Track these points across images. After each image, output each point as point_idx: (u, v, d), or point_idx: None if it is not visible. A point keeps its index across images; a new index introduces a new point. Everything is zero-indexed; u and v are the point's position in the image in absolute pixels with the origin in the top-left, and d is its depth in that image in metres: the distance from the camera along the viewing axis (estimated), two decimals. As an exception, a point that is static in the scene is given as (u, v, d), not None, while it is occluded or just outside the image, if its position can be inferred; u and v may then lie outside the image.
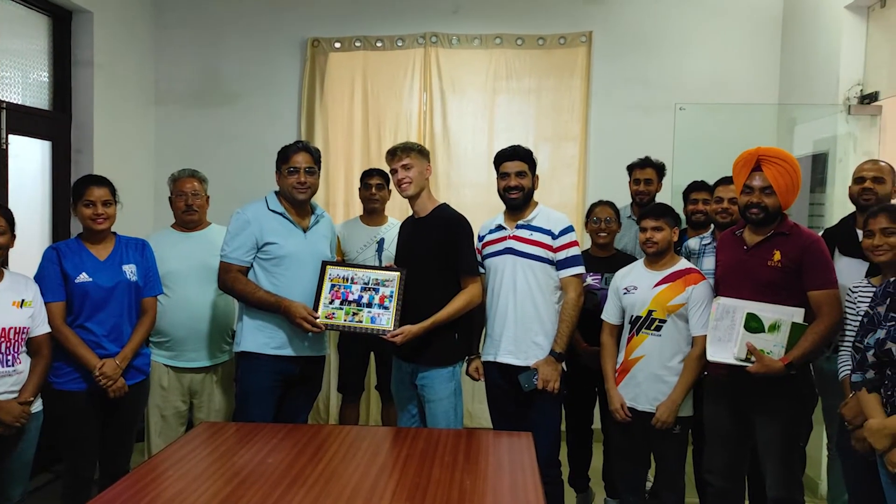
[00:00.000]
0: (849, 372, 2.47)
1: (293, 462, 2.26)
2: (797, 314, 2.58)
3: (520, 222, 2.99)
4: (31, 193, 4.03)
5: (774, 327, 2.58)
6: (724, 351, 2.65)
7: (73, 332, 2.75)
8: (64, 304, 2.75)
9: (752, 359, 2.59)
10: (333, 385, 4.54)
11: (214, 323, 3.24)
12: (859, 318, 2.45)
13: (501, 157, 3.04)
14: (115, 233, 2.94)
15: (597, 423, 3.54)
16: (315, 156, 3.04)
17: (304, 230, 3.01)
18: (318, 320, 2.83)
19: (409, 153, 2.90)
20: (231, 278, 2.91)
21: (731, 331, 2.64)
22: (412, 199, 2.96)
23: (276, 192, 3.06)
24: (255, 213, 2.96)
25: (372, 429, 2.97)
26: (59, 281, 2.74)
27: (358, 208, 4.28)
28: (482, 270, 3.06)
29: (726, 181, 3.16)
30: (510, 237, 2.99)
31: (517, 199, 2.97)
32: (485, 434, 2.64)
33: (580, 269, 2.97)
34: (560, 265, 2.95)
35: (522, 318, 2.93)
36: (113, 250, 2.88)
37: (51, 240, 4.11)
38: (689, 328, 2.85)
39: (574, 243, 2.97)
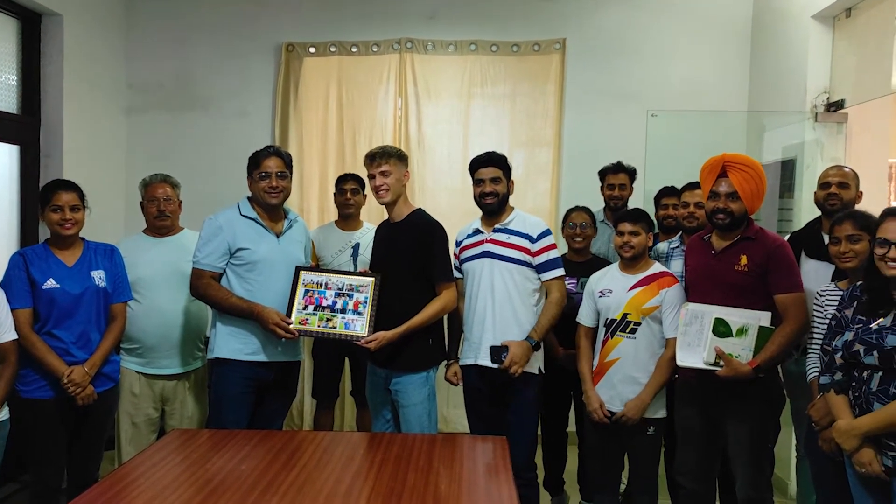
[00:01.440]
0: (817, 374, 2.51)
1: (267, 469, 2.24)
2: (764, 318, 2.63)
3: (497, 226, 3.01)
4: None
5: (742, 331, 2.62)
6: (694, 356, 2.68)
7: (41, 339, 2.71)
8: (31, 311, 2.71)
9: (721, 363, 2.62)
10: (308, 391, 4.52)
11: (186, 329, 3.21)
12: (827, 321, 2.50)
13: (476, 164, 3.05)
14: (83, 238, 2.90)
15: (572, 427, 3.56)
16: (286, 160, 3.02)
17: (278, 235, 3.00)
18: (291, 326, 2.81)
19: (388, 159, 2.89)
20: (203, 284, 2.89)
21: (699, 336, 2.67)
22: (389, 205, 2.96)
23: (249, 198, 3.04)
24: (227, 218, 2.94)
25: (346, 434, 2.95)
26: (25, 287, 2.69)
27: (332, 213, 4.27)
28: (459, 275, 3.07)
29: (692, 186, 3.23)
30: (487, 241, 3.01)
31: (492, 205, 2.99)
32: (459, 438, 2.65)
33: (561, 271, 3.00)
34: (541, 268, 2.98)
35: (501, 321, 2.95)
36: (81, 256, 2.84)
37: (19, 245, 4.04)
38: (663, 330, 2.88)
39: (553, 246, 3.00)
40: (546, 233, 3.00)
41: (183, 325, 3.19)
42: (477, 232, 3.06)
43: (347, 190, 3.87)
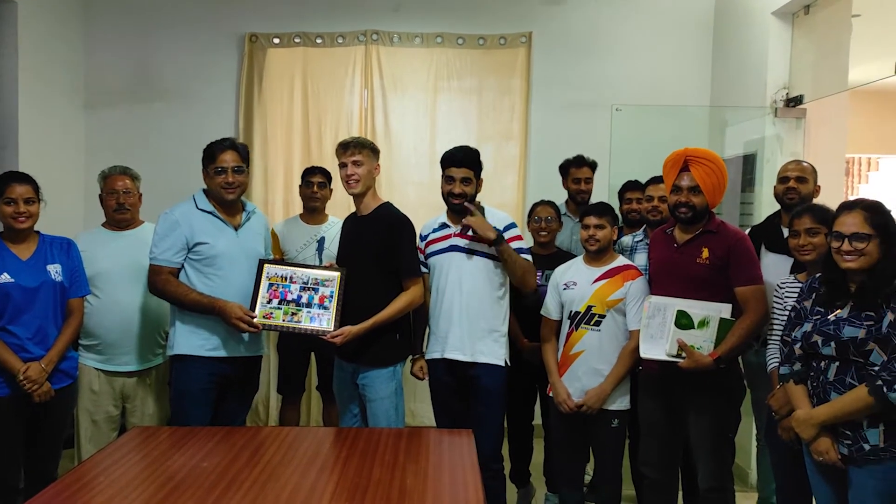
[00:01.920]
0: (777, 364, 2.56)
1: (229, 465, 2.21)
2: (725, 310, 2.67)
3: (464, 221, 3.01)
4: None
5: (703, 323, 2.66)
6: (657, 348, 2.72)
7: None
8: None
9: (684, 354, 2.66)
10: (273, 386, 4.47)
11: (147, 325, 3.15)
12: (786, 313, 2.55)
13: (449, 161, 3.03)
14: (38, 232, 2.83)
15: (538, 419, 3.59)
16: (243, 154, 2.96)
17: (236, 228, 2.94)
18: (255, 320, 2.78)
19: (361, 150, 2.87)
20: (162, 281, 2.82)
21: (662, 328, 2.71)
22: (357, 197, 2.94)
23: (204, 191, 2.97)
24: (183, 213, 2.88)
25: (311, 429, 2.93)
26: None
27: (297, 206, 4.23)
28: (425, 270, 3.06)
29: (656, 180, 3.26)
30: (455, 235, 3.00)
31: (459, 205, 2.98)
32: (426, 432, 2.64)
33: (529, 257, 3.02)
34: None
35: (469, 315, 2.95)
36: (36, 250, 2.78)
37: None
38: (627, 322, 2.91)
39: (518, 237, 3.02)
40: (511, 225, 3.01)
41: (143, 321, 3.14)
42: (443, 226, 3.06)
43: (314, 183, 3.83)
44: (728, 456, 2.86)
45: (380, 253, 2.85)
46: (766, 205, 3.98)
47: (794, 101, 3.96)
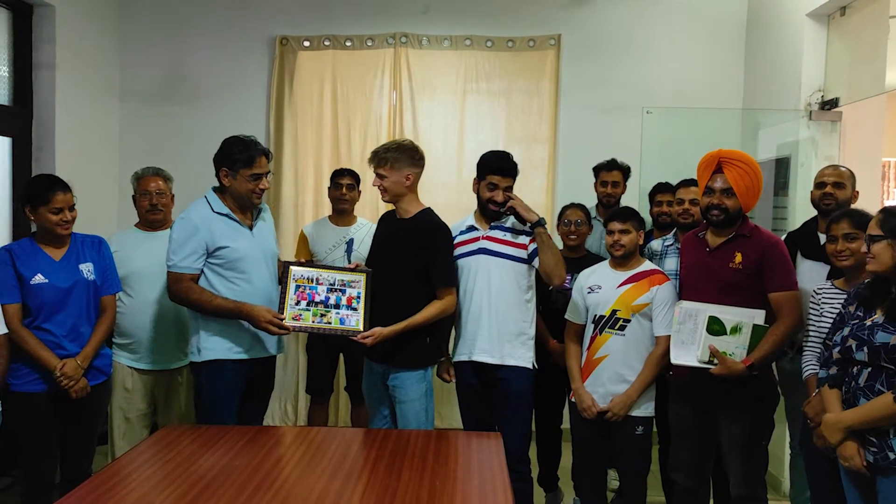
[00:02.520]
0: (813, 371, 2.52)
1: (259, 465, 2.23)
2: (758, 316, 2.63)
3: (494, 223, 3.00)
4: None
5: (736, 329, 2.62)
6: (688, 354, 2.69)
7: (31, 333, 2.69)
8: (20, 306, 2.68)
9: (716, 361, 2.63)
10: (302, 386, 4.50)
11: (179, 324, 3.18)
12: (822, 320, 2.51)
13: (494, 169, 2.96)
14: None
15: (566, 423, 3.56)
16: (270, 159, 2.92)
17: (250, 228, 2.87)
18: (284, 322, 2.73)
19: (382, 164, 2.84)
20: (184, 289, 2.72)
21: (693, 334, 2.68)
22: (395, 202, 2.94)
23: (216, 191, 2.86)
24: (201, 217, 2.76)
25: (340, 430, 2.95)
26: (13, 282, 2.66)
27: (327, 208, 4.25)
28: None
29: (687, 183, 3.22)
30: (483, 237, 2.99)
31: (496, 212, 2.96)
32: (454, 435, 2.64)
33: None
34: (533, 255, 2.95)
35: (497, 317, 2.94)
36: (68, 249, 2.81)
37: (11, 237, 4.01)
38: (653, 328, 2.88)
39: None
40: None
41: (176, 320, 3.17)
42: (472, 228, 3.04)
43: (343, 185, 3.85)
44: (760, 463, 2.81)
45: (415, 258, 2.83)
46: (800, 209, 3.92)
47: (829, 104, 3.89)
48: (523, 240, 2.97)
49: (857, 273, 2.53)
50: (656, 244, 3.34)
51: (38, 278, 2.70)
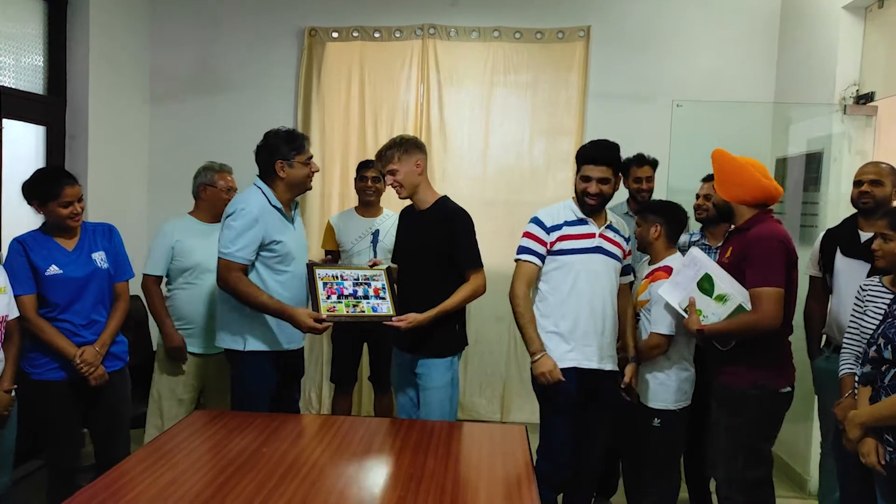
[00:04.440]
0: (849, 371, 2.50)
1: (287, 452, 2.26)
2: (748, 301, 2.59)
3: (606, 224, 2.92)
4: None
5: (722, 298, 2.61)
6: (674, 295, 2.73)
7: (48, 323, 2.70)
8: (35, 297, 2.69)
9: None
10: (326, 375, 4.55)
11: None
12: (864, 318, 2.47)
13: (587, 158, 2.84)
14: None
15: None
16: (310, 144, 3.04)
17: (291, 221, 2.92)
18: (322, 315, 2.73)
19: (388, 162, 2.86)
20: (235, 278, 2.73)
21: (688, 281, 2.70)
22: (412, 196, 2.94)
23: (268, 183, 2.86)
24: (260, 210, 2.78)
25: (365, 419, 2.96)
26: (27, 273, 2.67)
27: (353, 199, 4.27)
28: (535, 260, 2.86)
29: (706, 179, 3.24)
30: (600, 236, 2.87)
31: (594, 206, 2.84)
32: (477, 426, 2.67)
33: (631, 277, 3.06)
34: (624, 271, 2.99)
35: (613, 322, 2.88)
36: (80, 239, 2.81)
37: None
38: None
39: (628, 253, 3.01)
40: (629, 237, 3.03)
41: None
42: (582, 222, 2.87)
43: (369, 177, 3.87)
44: (745, 466, 2.66)
45: (438, 247, 2.85)
46: (831, 204, 3.86)
47: (864, 98, 3.82)
48: (621, 241, 2.94)
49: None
50: (683, 238, 3.32)
51: (53, 269, 2.70)
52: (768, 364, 2.59)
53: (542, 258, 2.85)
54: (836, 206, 3.78)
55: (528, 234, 2.86)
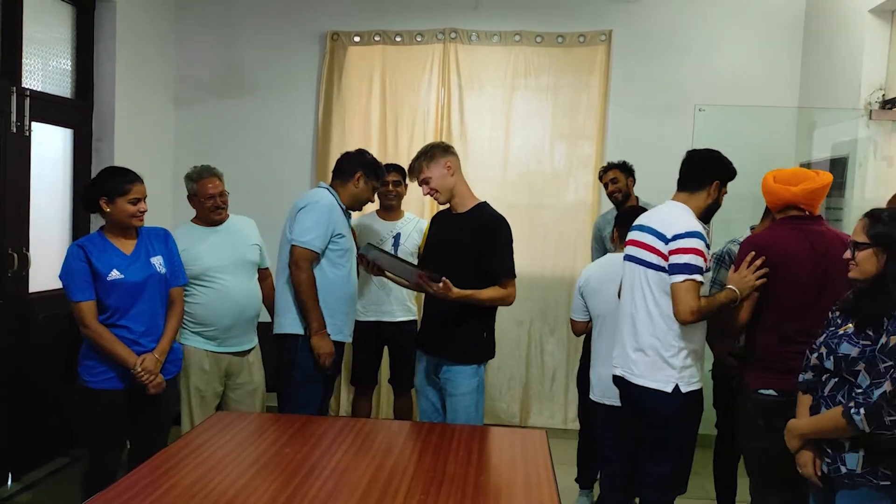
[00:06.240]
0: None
1: (309, 453, 2.28)
2: None
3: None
4: (52, 180, 4.07)
5: None
6: None
7: (108, 330, 2.70)
8: (94, 303, 2.68)
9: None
10: (346, 377, 4.57)
11: (252, 309, 3.31)
12: None
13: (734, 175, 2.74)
14: None
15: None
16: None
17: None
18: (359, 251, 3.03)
19: (419, 173, 2.86)
20: (307, 267, 3.00)
21: None
22: (450, 200, 2.91)
23: (335, 187, 3.19)
24: (332, 205, 3.09)
25: (386, 422, 2.98)
26: (87, 279, 2.66)
27: (374, 203, 4.29)
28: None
29: None
30: None
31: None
32: (498, 430, 2.67)
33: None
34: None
35: None
36: (137, 243, 2.81)
37: (71, 226, 4.16)
38: None
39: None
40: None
41: (250, 306, 3.29)
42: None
43: (390, 182, 3.88)
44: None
45: (475, 252, 2.80)
46: (856, 210, 3.81)
47: (890, 103, 3.77)
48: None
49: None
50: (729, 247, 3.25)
51: (115, 274, 2.69)
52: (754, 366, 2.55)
53: None
54: (861, 211, 3.69)
55: (699, 252, 2.48)
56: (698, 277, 2.44)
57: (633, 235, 2.70)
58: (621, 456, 2.95)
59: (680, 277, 2.44)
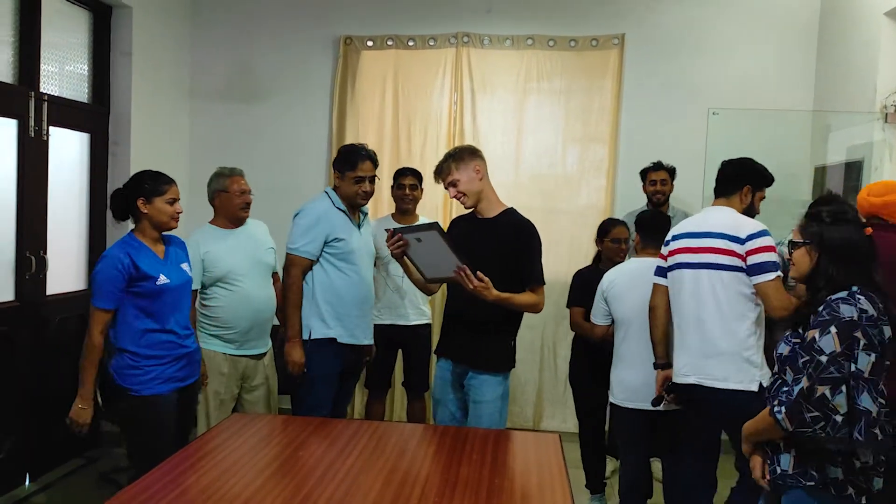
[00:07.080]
0: None
1: (323, 456, 2.29)
2: None
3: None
4: (70, 184, 4.11)
5: None
6: None
7: (102, 352, 2.63)
8: (111, 316, 2.63)
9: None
10: (360, 380, 4.57)
11: (269, 311, 3.33)
12: None
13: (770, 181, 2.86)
14: None
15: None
16: (376, 163, 3.16)
17: (358, 227, 3.18)
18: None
19: (447, 174, 2.77)
20: (296, 274, 3.04)
21: None
22: (476, 204, 2.82)
23: (334, 190, 3.16)
24: (324, 209, 3.08)
25: (399, 425, 2.99)
26: (119, 289, 2.60)
27: (386, 206, 4.31)
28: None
29: None
30: None
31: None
32: (512, 434, 2.66)
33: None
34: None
35: None
36: (167, 249, 2.79)
37: (88, 229, 4.19)
38: None
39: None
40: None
41: (267, 308, 3.31)
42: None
43: (406, 185, 3.90)
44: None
45: (502, 257, 2.73)
46: (872, 214, 3.79)
47: (906, 106, 3.75)
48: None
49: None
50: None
51: (162, 279, 2.66)
52: None
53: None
54: (876, 215, 3.71)
55: (775, 249, 2.59)
56: (780, 274, 2.53)
57: (688, 243, 2.73)
58: (643, 458, 2.97)
59: (769, 276, 2.53)
